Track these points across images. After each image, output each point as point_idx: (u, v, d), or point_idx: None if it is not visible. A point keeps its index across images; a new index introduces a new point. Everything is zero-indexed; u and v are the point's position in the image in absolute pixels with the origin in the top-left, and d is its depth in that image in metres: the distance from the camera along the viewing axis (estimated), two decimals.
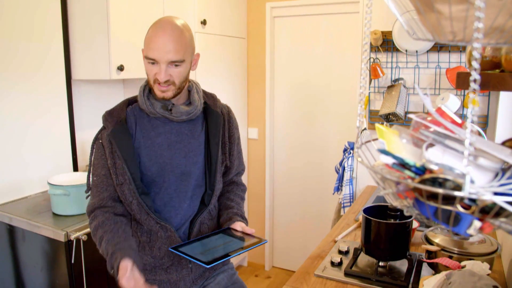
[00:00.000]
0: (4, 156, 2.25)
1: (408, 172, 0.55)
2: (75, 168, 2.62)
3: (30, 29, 2.31)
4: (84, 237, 1.93)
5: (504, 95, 2.23)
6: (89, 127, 2.72)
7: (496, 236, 1.99)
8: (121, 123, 1.45)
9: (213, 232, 1.50)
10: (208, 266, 1.23)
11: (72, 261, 1.94)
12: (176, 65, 1.38)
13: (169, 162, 1.48)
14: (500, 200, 0.51)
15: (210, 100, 1.58)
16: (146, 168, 1.46)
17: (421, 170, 0.54)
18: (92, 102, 2.74)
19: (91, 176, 1.51)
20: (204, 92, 1.61)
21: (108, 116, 1.48)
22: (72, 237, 1.92)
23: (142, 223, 1.48)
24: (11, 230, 2.12)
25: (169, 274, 1.52)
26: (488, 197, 0.48)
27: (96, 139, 1.50)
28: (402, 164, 0.55)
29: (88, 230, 1.94)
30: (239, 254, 1.34)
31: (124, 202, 1.47)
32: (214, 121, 1.54)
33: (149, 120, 1.48)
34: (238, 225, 1.48)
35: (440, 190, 0.50)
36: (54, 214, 2.12)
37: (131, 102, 1.53)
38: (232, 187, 1.69)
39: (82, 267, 1.98)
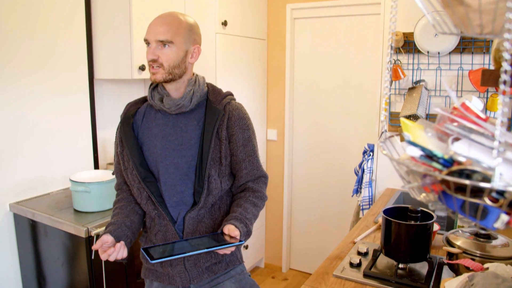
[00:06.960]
0: (28, 154, 2.30)
1: (435, 164, 0.54)
2: (96, 166, 2.66)
3: (55, 30, 2.35)
4: None
5: None
6: (110, 126, 2.76)
7: None
8: (128, 115, 1.58)
9: (202, 236, 1.43)
10: (152, 262, 1.23)
11: (92, 257, 1.96)
12: (164, 45, 1.42)
13: (160, 152, 1.51)
14: None
15: (213, 96, 1.55)
16: (146, 158, 1.54)
17: (449, 162, 0.54)
18: (114, 101, 2.78)
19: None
20: (213, 87, 1.59)
21: (124, 108, 1.64)
22: (93, 233, 1.95)
23: (143, 208, 1.56)
24: (34, 225, 2.16)
25: (164, 268, 1.55)
26: None
27: (117, 129, 1.63)
28: (430, 156, 0.55)
29: None
30: (195, 253, 1.29)
31: (129, 186, 1.58)
32: (211, 117, 1.50)
33: (155, 112, 1.56)
34: (226, 228, 1.39)
35: (468, 182, 0.49)
36: (75, 211, 2.16)
37: None
38: (245, 193, 1.57)
39: (102, 262, 2.00)
